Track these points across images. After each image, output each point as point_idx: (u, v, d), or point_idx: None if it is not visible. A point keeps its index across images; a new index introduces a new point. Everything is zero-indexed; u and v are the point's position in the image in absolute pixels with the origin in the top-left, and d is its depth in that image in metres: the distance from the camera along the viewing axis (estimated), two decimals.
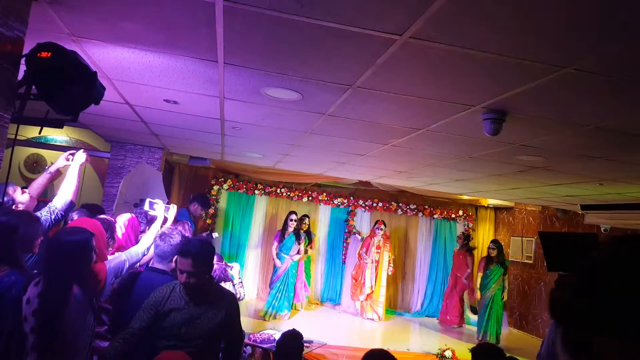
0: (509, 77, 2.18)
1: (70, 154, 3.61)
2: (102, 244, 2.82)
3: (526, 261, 8.71)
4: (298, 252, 7.59)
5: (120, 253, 2.95)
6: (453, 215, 9.46)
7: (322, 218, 9.24)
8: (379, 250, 8.24)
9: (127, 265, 2.83)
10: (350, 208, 9.25)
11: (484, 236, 9.74)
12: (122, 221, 3.78)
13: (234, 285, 4.21)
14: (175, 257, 2.77)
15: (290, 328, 3.51)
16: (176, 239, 2.92)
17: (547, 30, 1.70)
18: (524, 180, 5.06)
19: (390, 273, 8.37)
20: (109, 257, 2.94)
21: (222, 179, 8.81)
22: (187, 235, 3.81)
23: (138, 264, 3.42)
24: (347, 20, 1.80)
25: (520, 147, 3.54)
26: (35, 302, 2.06)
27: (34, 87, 1.97)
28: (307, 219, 8.06)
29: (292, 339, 3.29)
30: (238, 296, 4.23)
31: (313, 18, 1.81)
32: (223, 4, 1.76)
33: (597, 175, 4.31)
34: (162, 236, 2.91)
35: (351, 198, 9.21)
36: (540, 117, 2.74)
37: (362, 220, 9.32)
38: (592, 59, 1.89)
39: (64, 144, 6.61)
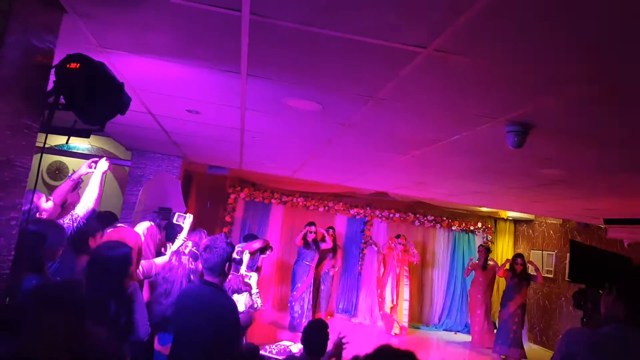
0: (535, 90, 2.16)
1: (93, 161, 3.66)
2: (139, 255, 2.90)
3: (546, 275, 8.54)
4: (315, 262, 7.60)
5: (150, 261, 2.99)
6: (472, 228, 9.34)
7: (339, 228, 9.21)
8: (399, 264, 8.18)
9: (153, 274, 2.87)
10: (366, 218, 9.21)
11: (503, 249, 9.59)
12: (141, 230, 3.81)
13: (251, 295, 4.20)
14: (227, 265, 2.77)
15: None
16: (221, 247, 2.81)
17: (574, 45, 1.68)
18: (545, 193, 4.98)
19: (416, 263, 8.37)
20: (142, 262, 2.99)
21: (239, 187, 8.86)
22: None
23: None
24: (372, 33, 1.80)
25: (544, 161, 3.48)
26: None
27: (62, 97, 2.01)
28: (331, 230, 8.01)
29: (319, 328, 3.21)
30: (255, 306, 4.23)
31: (338, 31, 1.82)
32: (249, 18, 1.78)
33: (622, 190, 4.22)
34: (206, 249, 2.78)
35: (368, 208, 9.17)
36: (566, 130, 2.69)
37: (379, 231, 9.25)
38: (618, 74, 1.86)
39: (86, 152, 6.72)
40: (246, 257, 3.91)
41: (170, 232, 4.00)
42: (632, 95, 2.06)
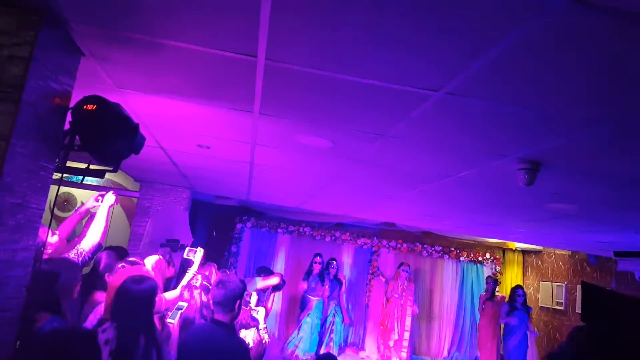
0: (546, 131, 2.16)
1: (100, 195, 3.67)
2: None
3: (557, 307, 8.38)
4: (323, 294, 7.50)
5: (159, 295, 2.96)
6: (480, 258, 9.22)
7: (345, 258, 9.12)
8: (404, 294, 8.07)
9: (163, 309, 2.86)
10: (374, 249, 9.12)
11: (512, 280, 9.44)
12: (149, 263, 3.78)
13: (258, 330, 4.14)
14: (239, 302, 2.75)
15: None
16: (235, 283, 2.84)
17: (585, 87, 1.69)
18: (555, 226, 4.94)
19: (411, 314, 8.13)
20: None
21: (246, 217, 8.84)
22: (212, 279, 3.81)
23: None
24: (385, 77, 1.82)
25: (554, 196, 3.47)
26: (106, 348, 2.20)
27: (77, 137, 2.03)
28: (334, 262, 7.89)
29: None
30: (263, 342, 4.15)
31: (351, 75, 1.84)
32: (264, 62, 1.81)
33: (633, 224, 4.18)
34: (219, 283, 2.83)
35: (375, 238, 9.09)
36: (576, 168, 2.69)
37: (387, 262, 9.15)
38: (629, 116, 1.87)
39: (94, 184, 6.76)
40: (199, 254, 3.85)
41: (184, 266, 3.98)
42: None
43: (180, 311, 3.23)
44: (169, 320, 3.08)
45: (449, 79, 1.75)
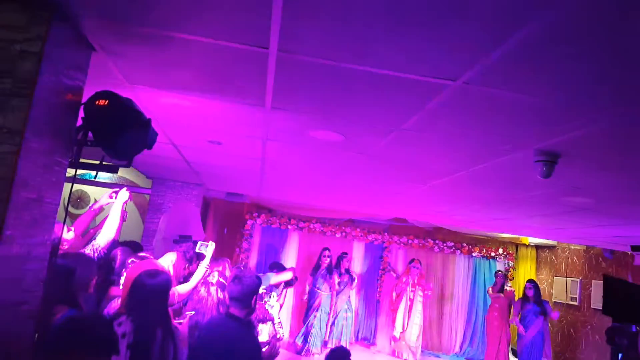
0: (566, 121, 2.11)
1: (113, 192, 3.69)
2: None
3: (571, 303, 8.28)
4: (332, 288, 7.50)
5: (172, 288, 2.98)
6: (493, 254, 9.12)
7: (356, 254, 9.08)
8: (414, 289, 8.05)
9: (176, 302, 2.89)
10: (385, 244, 9.08)
11: (525, 276, 9.35)
12: (168, 261, 3.76)
13: (274, 325, 4.13)
14: (255, 298, 2.76)
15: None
16: (251, 278, 2.84)
17: (607, 77, 1.64)
18: (571, 220, 4.86)
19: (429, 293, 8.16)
20: None
21: (256, 213, 8.85)
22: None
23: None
24: (400, 67, 1.78)
25: (571, 189, 3.40)
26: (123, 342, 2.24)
27: (90, 133, 2.03)
28: (346, 256, 7.86)
29: (341, 356, 3.18)
30: (278, 336, 4.15)
31: (365, 66, 1.81)
32: (276, 54, 1.79)
33: None
34: (235, 279, 2.83)
35: (386, 234, 9.04)
36: (596, 160, 2.63)
37: (398, 257, 9.11)
38: None
39: (107, 181, 6.80)
40: (210, 248, 3.82)
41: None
42: None
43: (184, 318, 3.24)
44: (176, 321, 3.11)
45: (467, 68, 1.71)
